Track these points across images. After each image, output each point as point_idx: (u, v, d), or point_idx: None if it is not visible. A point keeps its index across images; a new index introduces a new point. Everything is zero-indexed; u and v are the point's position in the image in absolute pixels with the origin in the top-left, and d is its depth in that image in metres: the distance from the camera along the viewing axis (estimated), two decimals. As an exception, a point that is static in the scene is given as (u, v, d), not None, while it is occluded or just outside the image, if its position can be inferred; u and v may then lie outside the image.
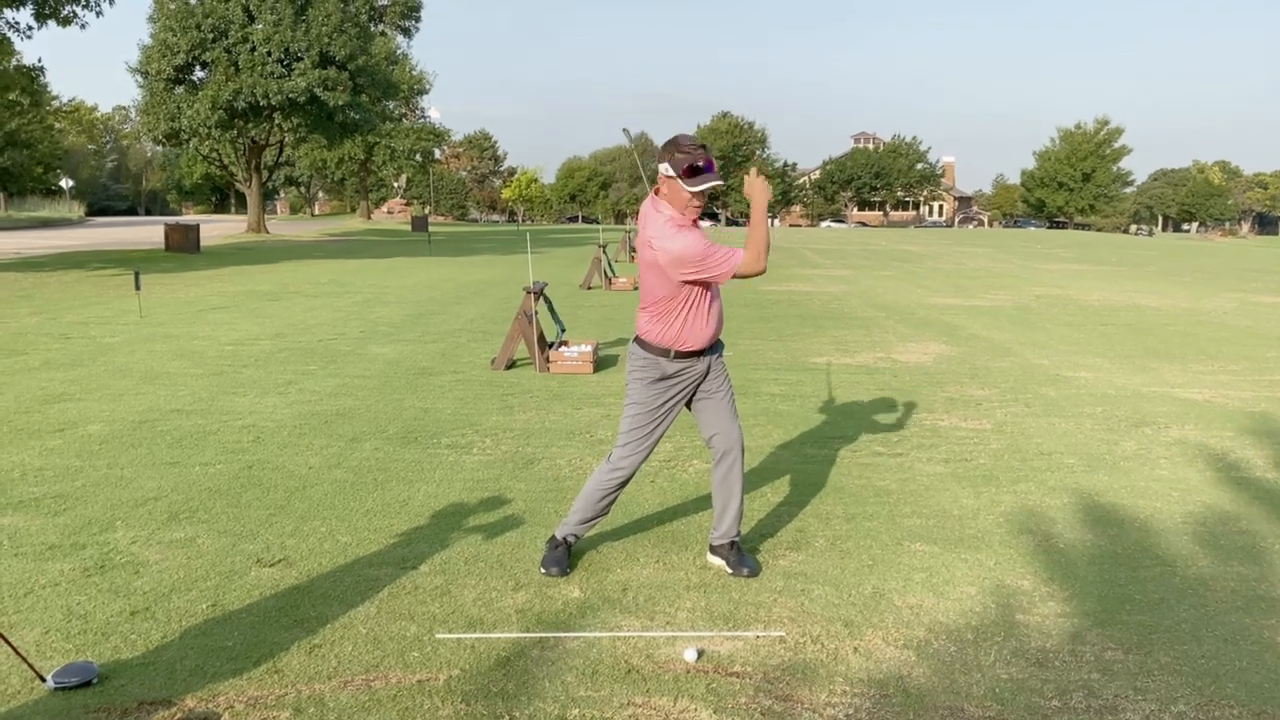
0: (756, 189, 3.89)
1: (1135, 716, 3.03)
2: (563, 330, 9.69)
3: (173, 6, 38.77)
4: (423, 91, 71.57)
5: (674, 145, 3.77)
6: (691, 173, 3.71)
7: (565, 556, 4.15)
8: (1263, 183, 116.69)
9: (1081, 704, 3.09)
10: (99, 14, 24.93)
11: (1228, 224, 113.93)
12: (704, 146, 3.74)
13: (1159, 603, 3.90)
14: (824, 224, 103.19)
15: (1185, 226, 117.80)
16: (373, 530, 4.61)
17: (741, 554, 4.18)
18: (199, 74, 40.93)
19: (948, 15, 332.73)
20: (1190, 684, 3.24)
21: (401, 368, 9.07)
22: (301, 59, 39.25)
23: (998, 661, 3.38)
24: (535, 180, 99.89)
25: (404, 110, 70.69)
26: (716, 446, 4.14)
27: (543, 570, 4.09)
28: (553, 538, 4.22)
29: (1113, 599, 3.93)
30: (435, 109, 76.95)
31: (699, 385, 4.10)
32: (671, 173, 3.73)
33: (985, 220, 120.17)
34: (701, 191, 3.76)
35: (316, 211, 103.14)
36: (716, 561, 4.21)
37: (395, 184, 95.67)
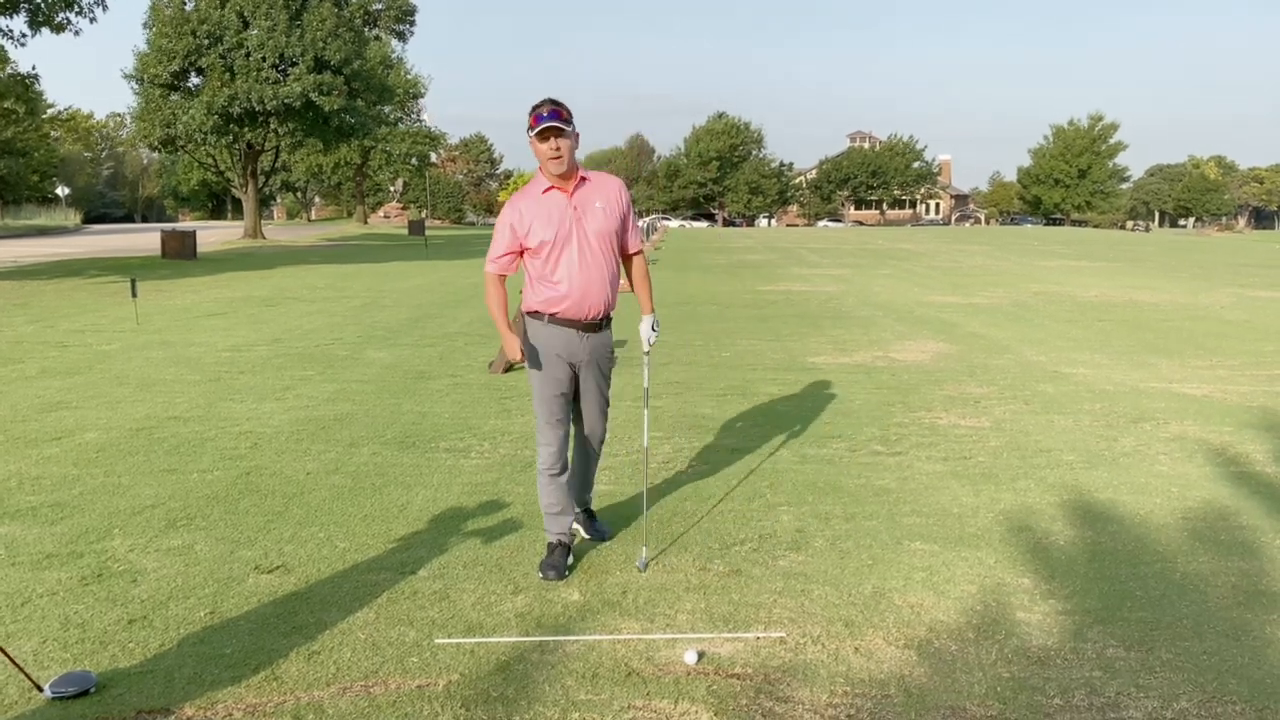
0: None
1: (1138, 714, 3.02)
2: None
3: (168, 13, 38.73)
4: (418, 95, 71.54)
5: (533, 107, 3.99)
6: (535, 120, 3.94)
7: (562, 560, 4.15)
8: (1259, 177, 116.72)
9: (1084, 702, 3.08)
10: (93, 20, 24.90)
11: (1224, 219, 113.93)
12: (556, 102, 3.97)
13: (1160, 599, 3.89)
14: (821, 223, 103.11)
15: (1182, 222, 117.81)
16: (371, 535, 4.60)
17: (594, 520, 4.63)
18: (194, 80, 40.89)
19: (943, 13, 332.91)
20: (1192, 680, 3.23)
21: (399, 372, 9.06)
22: (296, 64, 39.21)
23: (999, 660, 3.37)
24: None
25: (400, 114, 70.60)
26: (583, 433, 4.45)
27: (539, 575, 4.08)
28: (549, 543, 4.24)
29: (1113, 596, 3.92)
30: (425, 110, 76.33)
31: (580, 368, 4.26)
32: (530, 134, 3.97)
33: (982, 218, 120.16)
34: (540, 131, 3.92)
35: (313, 216, 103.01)
36: (575, 527, 4.48)
37: (391, 188, 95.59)
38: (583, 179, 4.09)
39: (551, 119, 3.91)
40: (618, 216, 4.14)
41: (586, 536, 4.53)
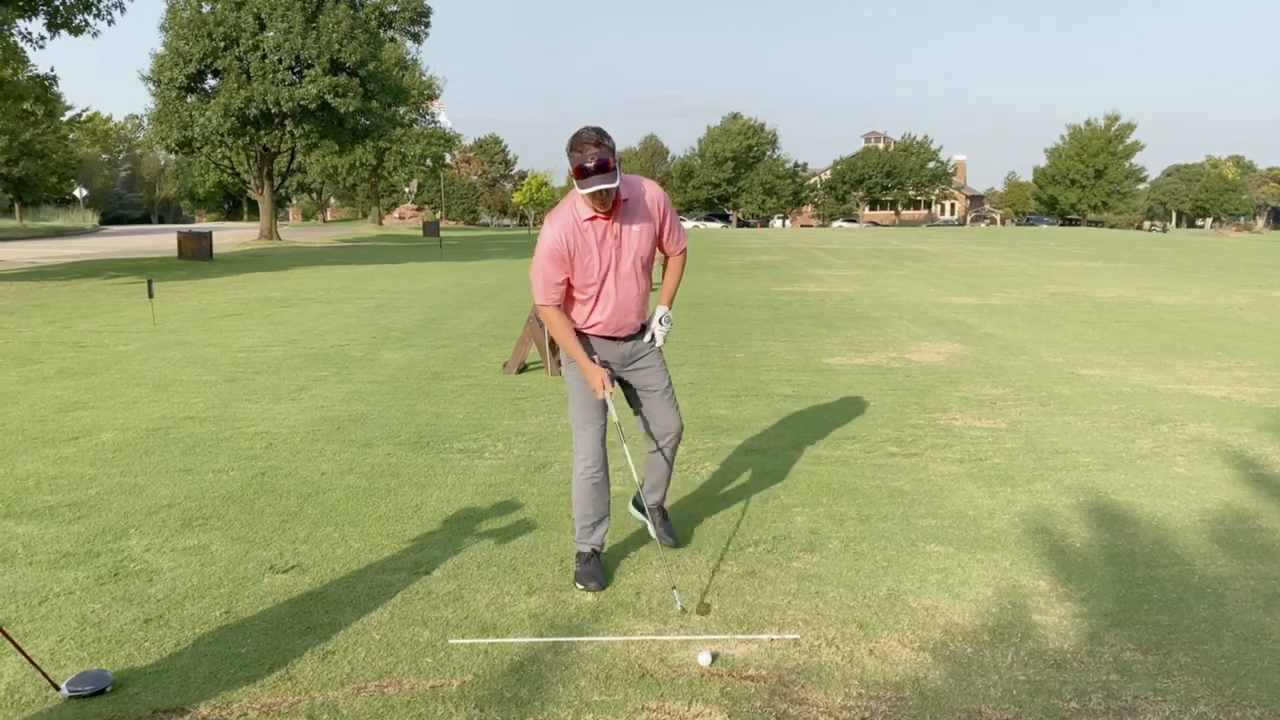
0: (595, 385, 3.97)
1: (1155, 718, 2.99)
2: None
3: (185, 15, 38.99)
4: (432, 96, 71.78)
5: (571, 143, 3.66)
6: (580, 174, 3.61)
7: (598, 567, 4.08)
8: (1277, 177, 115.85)
9: (1100, 705, 3.06)
10: (110, 23, 25.11)
11: (1242, 219, 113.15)
12: (600, 144, 3.59)
13: (1177, 602, 3.86)
14: (835, 224, 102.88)
15: (1199, 222, 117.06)
16: (385, 536, 4.61)
17: (668, 522, 4.41)
18: (211, 82, 41.15)
19: (958, 13, 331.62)
20: (1210, 684, 3.20)
21: (413, 373, 9.08)
22: (312, 66, 39.42)
23: (1015, 663, 3.35)
24: (546, 184, 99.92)
25: (414, 116, 70.82)
26: (655, 434, 4.26)
27: (579, 585, 4.00)
28: (580, 553, 4.16)
29: (1130, 599, 3.89)
30: (439, 104, 76.15)
31: (624, 372, 4.19)
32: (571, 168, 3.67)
33: (997, 218, 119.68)
34: (590, 194, 3.65)
35: (328, 218, 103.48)
36: (638, 514, 4.38)
37: (406, 189, 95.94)
38: (622, 200, 3.86)
39: (598, 176, 3.59)
40: (652, 235, 3.98)
41: (654, 536, 4.35)
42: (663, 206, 4.01)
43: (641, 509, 4.43)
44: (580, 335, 4.06)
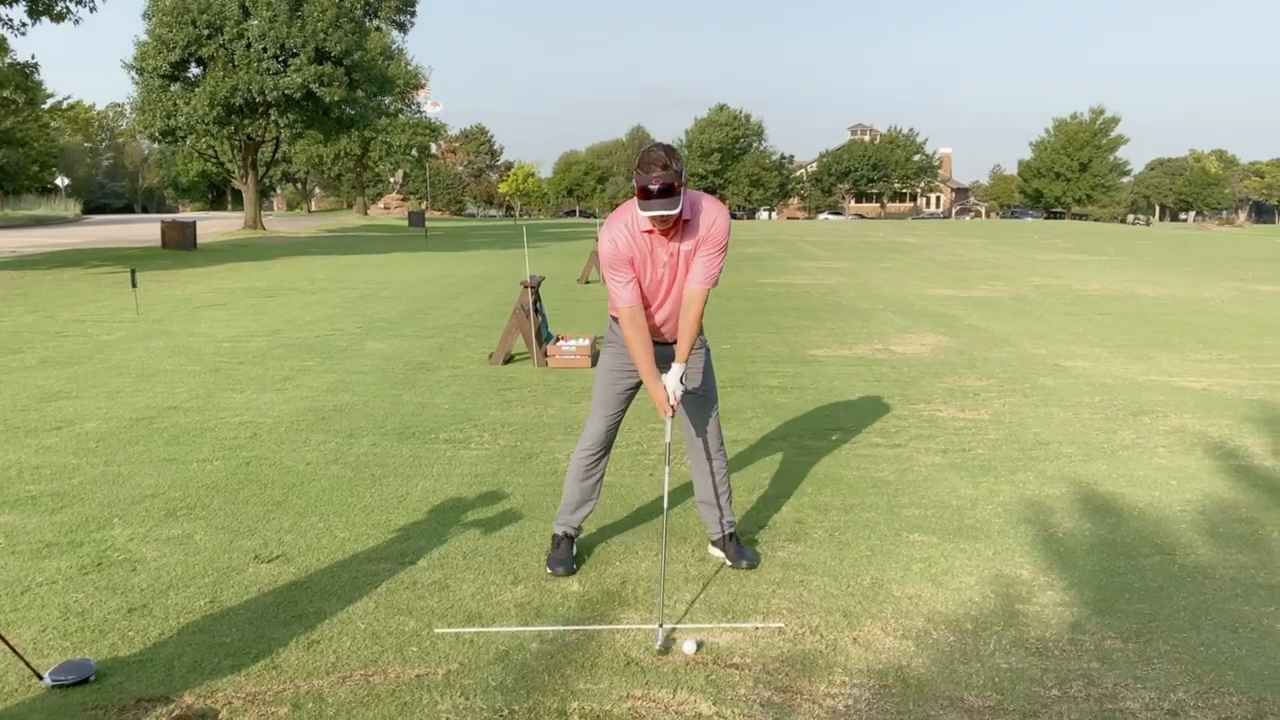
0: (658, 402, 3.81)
1: (1135, 705, 3.03)
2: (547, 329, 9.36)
3: (168, 2, 38.64)
4: (418, 86, 71.42)
5: (639, 159, 3.56)
6: (643, 194, 3.53)
7: (569, 553, 4.10)
8: (1259, 171, 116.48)
9: (1081, 693, 3.09)
10: (92, 9, 24.85)
11: (1225, 213, 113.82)
12: (667, 166, 3.48)
13: (1158, 591, 3.89)
14: (821, 216, 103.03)
15: (1182, 216, 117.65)
16: (370, 526, 4.60)
17: (740, 545, 4.17)
18: (195, 70, 40.82)
19: (944, 6, 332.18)
20: (1189, 672, 3.23)
21: (399, 363, 9.06)
22: (297, 55, 39.15)
23: (997, 651, 3.37)
24: (532, 174, 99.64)
25: (400, 105, 70.46)
26: (700, 437, 4.16)
27: (549, 570, 4.03)
28: (554, 535, 4.18)
29: (1112, 588, 3.92)
30: (434, 103, 75.88)
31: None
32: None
33: (982, 211, 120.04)
34: (649, 216, 3.58)
35: (313, 208, 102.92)
36: (716, 553, 4.21)
37: (392, 179, 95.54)
38: (684, 220, 3.69)
39: (660, 200, 3.48)
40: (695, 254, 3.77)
41: (729, 564, 4.10)
42: (713, 234, 3.74)
43: (719, 546, 4.19)
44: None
